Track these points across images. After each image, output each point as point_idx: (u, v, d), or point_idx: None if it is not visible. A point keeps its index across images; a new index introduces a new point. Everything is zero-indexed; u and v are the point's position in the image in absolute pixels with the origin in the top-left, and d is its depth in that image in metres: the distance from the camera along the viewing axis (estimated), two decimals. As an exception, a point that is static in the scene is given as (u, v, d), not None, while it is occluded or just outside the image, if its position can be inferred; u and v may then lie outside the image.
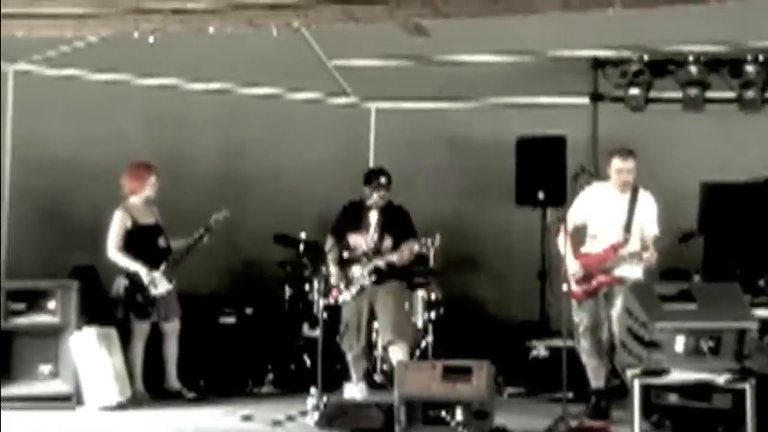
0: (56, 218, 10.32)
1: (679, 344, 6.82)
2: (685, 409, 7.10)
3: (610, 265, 8.38)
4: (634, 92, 10.27)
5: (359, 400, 8.74)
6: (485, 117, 11.35)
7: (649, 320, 6.80)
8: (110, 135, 10.56)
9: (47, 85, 10.27)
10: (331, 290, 9.17)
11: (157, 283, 9.26)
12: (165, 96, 10.91)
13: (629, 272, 8.38)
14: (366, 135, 11.71)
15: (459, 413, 7.63)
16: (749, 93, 10.11)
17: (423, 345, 10.07)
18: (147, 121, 10.79)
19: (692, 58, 10.09)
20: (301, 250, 10.14)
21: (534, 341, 9.86)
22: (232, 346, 10.03)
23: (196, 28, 8.26)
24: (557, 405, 7.99)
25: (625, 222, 8.41)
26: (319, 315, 8.75)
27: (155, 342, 9.40)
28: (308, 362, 10.00)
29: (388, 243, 9.08)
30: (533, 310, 10.75)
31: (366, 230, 9.14)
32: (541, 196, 10.02)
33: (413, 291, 10.08)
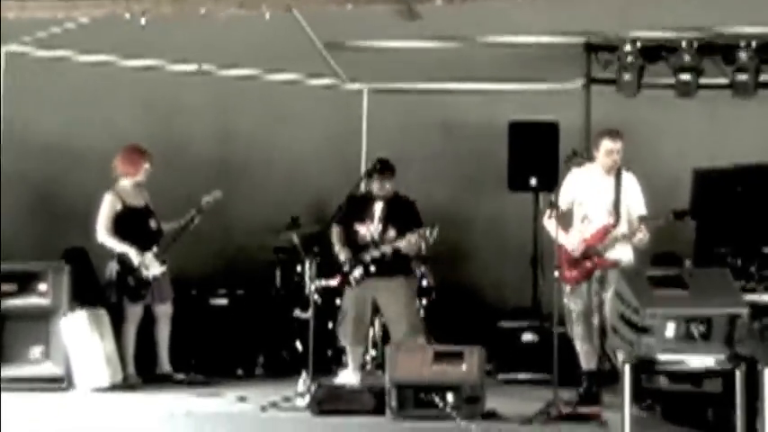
0: (47, 201, 10.31)
1: (670, 329, 6.81)
2: (676, 393, 7.12)
3: (602, 247, 8.40)
4: (627, 77, 10.24)
5: (350, 384, 8.74)
6: (478, 102, 11.31)
7: (640, 306, 6.79)
8: (101, 118, 10.54)
9: (37, 68, 10.21)
10: (336, 274, 9.10)
11: (149, 266, 9.23)
12: (156, 79, 10.86)
13: (621, 254, 8.40)
14: (358, 119, 11.66)
15: (450, 397, 7.64)
16: (742, 78, 10.12)
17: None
18: (138, 103, 10.76)
19: (684, 43, 10.08)
20: (294, 235, 10.13)
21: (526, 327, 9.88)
22: (223, 328, 10.04)
23: (188, 10, 8.25)
24: (548, 389, 7.99)
25: (613, 204, 8.43)
26: (311, 298, 8.74)
27: (146, 325, 9.39)
28: (299, 345, 10.01)
29: (391, 233, 9.03)
30: (526, 295, 10.75)
31: (371, 220, 9.13)
32: (534, 182, 10.05)
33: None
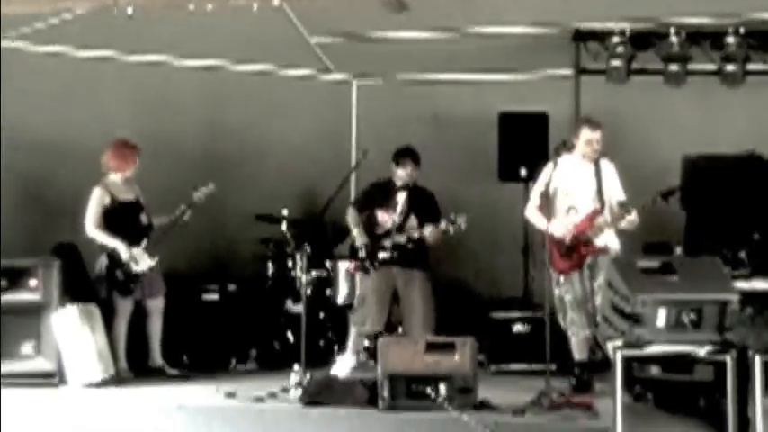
0: (37, 196, 10.29)
1: (661, 317, 6.81)
2: (667, 381, 7.13)
3: (590, 234, 8.41)
4: (616, 63, 10.24)
5: (342, 376, 8.74)
6: (467, 93, 11.31)
7: (631, 293, 6.79)
8: (92, 113, 10.52)
9: (25, 63, 10.18)
10: (352, 259, 9.12)
11: (138, 260, 9.21)
12: (147, 74, 10.85)
13: (608, 241, 8.41)
14: (349, 112, 11.67)
15: (442, 388, 7.63)
16: (730, 66, 10.13)
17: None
18: (127, 98, 10.74)
19: (673, 30, 10.07)
20: (285, 227, 10.13)
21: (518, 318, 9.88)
22: (215, 322, 10.03)
23: (177, 4, 8.23)
24: (540, 379, 7.99)
25: (596, 191, 8.45)
26: (302, 291, 8.74)
27: (138, 319, 9.37)
28: (291, 338, 10.01)
29: (413, 222, 9.07)
30: (517, 285, 10.75)
31: (393, 209, 9.13)
32: (524, 173, 10.04)
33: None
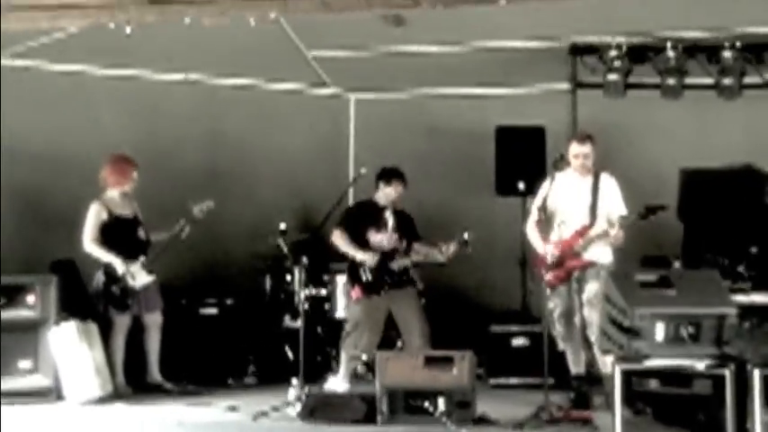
0: (34, 212, 10.25)
1: (659, 330, 6.81)
2: (666, 395, 7.11)
3: (579, 247, 8.40)
4: (613, 77, 10.24)
5: (341, 391, 8.72)
6: (464, 107, 11.32)
7: (629, 307, 6.80)
8: (87, 127, 10.51)
9: (24, 77, 10.19)
10: (356, 284, 8.96)
11: (135, 275, 9.21)
12: (142, 88, 10.86)
13: (599, 255, 8.39)
14: (346, 126, 11.68)
15: (441, 403, 7.64)
16: (727, 80, 10.13)
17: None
18: (125, 112, 10.74)
19: (670, 44, 10.08)
20: (282, 241, 10.10)
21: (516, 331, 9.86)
22: (213, 337, 10.02)
23: (173, 18, 8.24)
24: (539, 393, 7.96)
25: (590, 207, 8.44)
26: (300, 306, 8.72)
27: (136, 335, 9.36)
28: (289, 353, 9.99)
29: (404, 244, 9.04)
30: (515, 298, 10.74)
31: (385, 229, 9.09)
32: (522, 186, 10.03)
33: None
